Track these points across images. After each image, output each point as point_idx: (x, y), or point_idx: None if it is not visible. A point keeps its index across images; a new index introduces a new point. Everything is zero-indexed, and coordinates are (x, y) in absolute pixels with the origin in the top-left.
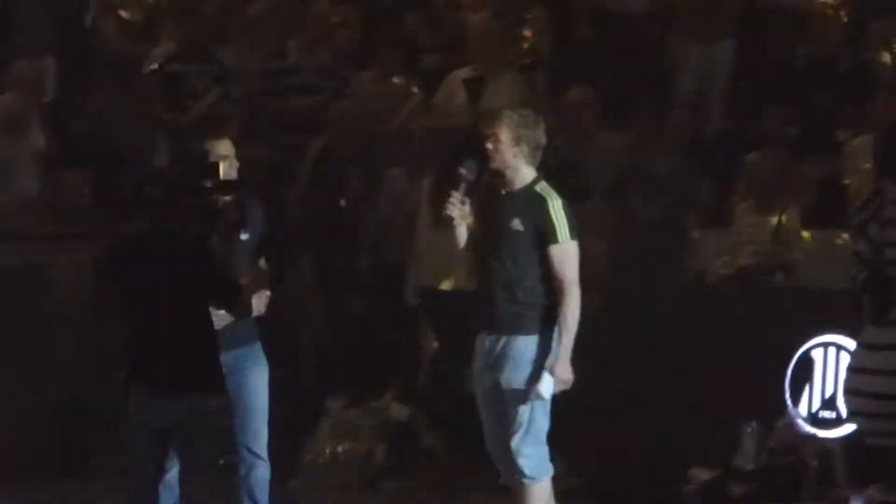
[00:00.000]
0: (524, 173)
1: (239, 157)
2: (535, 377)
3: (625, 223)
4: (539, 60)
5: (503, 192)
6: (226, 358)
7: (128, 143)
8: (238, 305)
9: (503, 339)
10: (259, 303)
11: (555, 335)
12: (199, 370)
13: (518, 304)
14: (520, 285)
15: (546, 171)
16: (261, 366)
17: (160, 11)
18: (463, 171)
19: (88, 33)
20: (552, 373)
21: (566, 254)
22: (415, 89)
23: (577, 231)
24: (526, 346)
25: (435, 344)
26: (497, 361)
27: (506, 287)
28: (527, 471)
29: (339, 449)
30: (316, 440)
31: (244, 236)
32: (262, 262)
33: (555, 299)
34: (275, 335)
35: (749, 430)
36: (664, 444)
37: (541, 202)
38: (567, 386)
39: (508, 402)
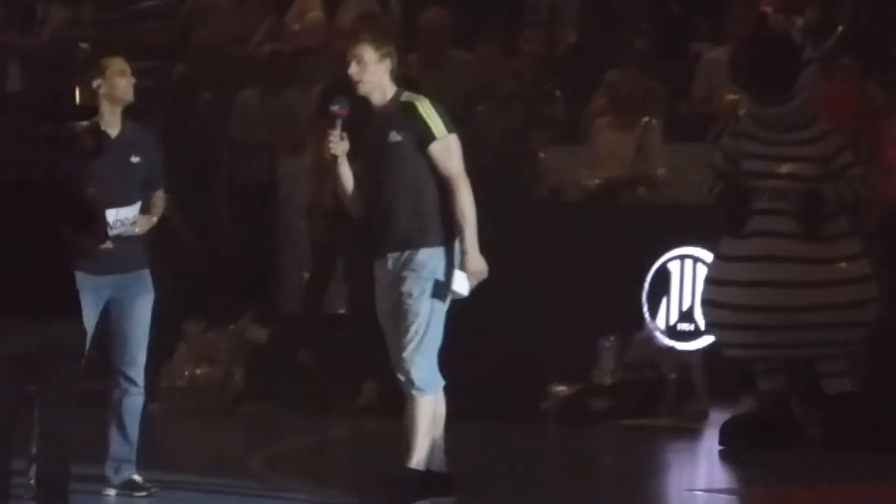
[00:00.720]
0: (389, 89)
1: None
2: (439, 287)
3: (475, 142)
4: None
5: (373, 111)
6: (111, 281)
7: None
8: (96, 232)
9: (406, 254)
10: (142, 224)
11: (457, 243)
12: (57, 298)
13: (418, 217)
14: (416, 196)
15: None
16: (145, 293)
17: None
18: (335, 107)
19: None
20: (463, 269)
21: (447, 148)
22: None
23: (452, 125)
24: (429, 257)
25: (312, 264)
26: (399, 276)
27: (403, 201)
28: (417, 381)
29: (198, 372)
30: (173, 364)
31: (134, 159)
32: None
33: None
34: None
35: (607, 344)
36: (524, 360)
37: (410, 108)
38: (483, 276)
39: (406, 313)
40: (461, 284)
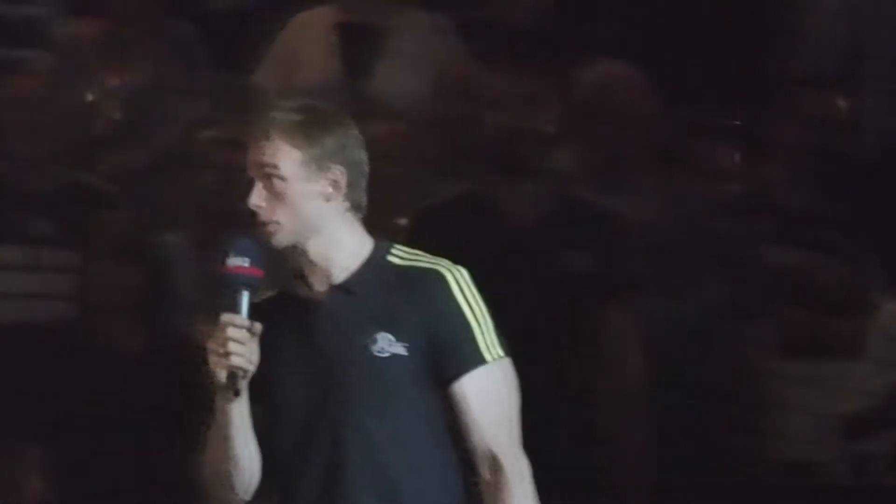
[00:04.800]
0: (351, 237)
1: None
2: None
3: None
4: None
5: (318, 290)
6: None
7: None
8: None
9: None
10: None
11: None
12: None
13: None
14: (405, 473)
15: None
16: None
17: None
18: (235, 261)
19: None
20: None
21: (495, 386)
22: None
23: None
24: None
25: None
26: None
27: (373, 479)
28: None
29: None
30: None
31: None
32: None
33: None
34: None
35: None
36: None
37: (432, 283)
38: None
39: None
40: None
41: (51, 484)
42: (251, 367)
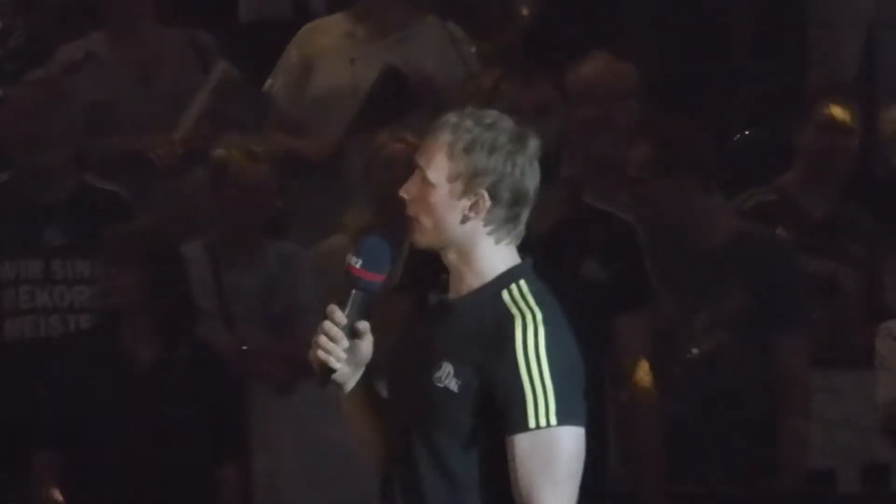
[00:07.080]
0: (485, 260)
1: None
2: None
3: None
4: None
5: (434, 300)
6: None
7: None
8: None
9: None
10: None
11: None
12: None
13: None
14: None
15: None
16: None
17: None
18: (354, 260)
19: None
20: None
21: (545, 455)
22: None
23: (580, 403)
24: None
25: None
26: None
27: (414, 498)
28: None
29: None
30: None
31: None
32: None
33: None
34: None
35: None
36: None
37: (503, 328)
38: None
39: None
40: None
41: (69, 495)
42: (336, 365)
